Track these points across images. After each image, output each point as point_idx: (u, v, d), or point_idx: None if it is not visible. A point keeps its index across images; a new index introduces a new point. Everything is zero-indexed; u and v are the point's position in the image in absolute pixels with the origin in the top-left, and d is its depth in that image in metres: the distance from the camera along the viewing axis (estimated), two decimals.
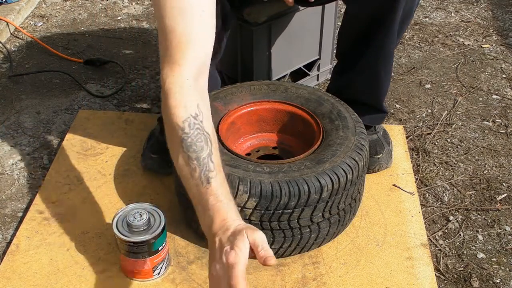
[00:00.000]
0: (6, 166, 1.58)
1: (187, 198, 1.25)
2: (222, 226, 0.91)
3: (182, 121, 0.96)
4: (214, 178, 0.94)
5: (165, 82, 0.99)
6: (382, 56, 1.37)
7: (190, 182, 0.96)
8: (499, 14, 2.39)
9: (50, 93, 1.87)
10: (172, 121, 0.97)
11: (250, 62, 1.67)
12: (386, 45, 1.35)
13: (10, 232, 1.37)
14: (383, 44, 1.34)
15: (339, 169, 1.19)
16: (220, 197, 0.93)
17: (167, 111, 0.98)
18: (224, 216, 0.92)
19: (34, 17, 2.33)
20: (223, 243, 0.90)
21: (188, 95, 0.98)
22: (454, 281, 1.27)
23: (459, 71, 2.02)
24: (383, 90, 1.47)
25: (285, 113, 1.41)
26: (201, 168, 0.94)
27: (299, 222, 1.19)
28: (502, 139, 1.70)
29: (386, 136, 1.56)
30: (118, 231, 1.16)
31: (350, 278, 1.24)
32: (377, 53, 1.37)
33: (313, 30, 1.78)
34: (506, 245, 1.36)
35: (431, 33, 2.25)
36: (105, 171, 1.51)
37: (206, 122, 0.98)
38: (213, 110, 1.36)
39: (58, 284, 1.22)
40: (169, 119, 0.98)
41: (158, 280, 1.23)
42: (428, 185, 1.52)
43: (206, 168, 0.95)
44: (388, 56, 1.39)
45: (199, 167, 0.94)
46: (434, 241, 1.37)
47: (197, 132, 0.96)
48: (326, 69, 1.91)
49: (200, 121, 0.97)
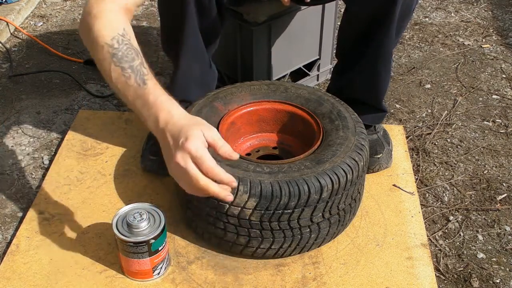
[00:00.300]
0: (6, 166, 1.58)
1: (187, 198, 1.26)
2: (169, 120, 0.95)
3: (111, 39, 1.00)
4: (150, 79, 1.00)
5: (91, 10, 1.02)
6: (382, 55, 1.38)
7: (127, 90, 0.99)
8: (499, 14, 2.39)
9: (50, 93, 1.87)
10: (99, 42, 1.01)
11: (250, 62, 1.67)
12: (385, 44, 1.35)
13: (10, 232, 1.37)
14: (382, 43, 1.35)
15: (339, 169, 1.19)
16: (159, 95, 0.98)
17: (93, 35, 1.01)
18: (168, 109, 0.96)
19: (34, 17, 2.33)
20: (176, 136, 0.93)
21: (115, 19, 1.03)
22: (454, 281, 1.27)
23: (459, 71, 2.02)
24: (382, 89, 1.47)
25: (285, 113, 1.41)
26: (135, 74, 0.99)
27: (299, 222, 1.19)
28: (502, 139, 1.70)
29: (386, 136, 1.56)
30: (118, 231, 1.16)
31: (350, 278, 1.24)
32: (377, 52, 1.37)
33: (313, 30, 1.79)
34: (506, 245, 1.36)
35: (431, 33, 2.25)
36: (105, 171, 1.51)
37: (133, 41, 1.03)
38: (213, 110, 1.37)
39: (58, 284, 1.22)
40: (96, 41, 1.01)
41: (158, 280, 1.23)
42: (428, 185, 1.52)
43: (140, 73, 0.99)
44: (387, 55, 1.39)
45: (133, 74, 0.99)
46: (434, 241, 1.37)
47: (126, 47, 1.01)
48: (326, 69, 1.91)
49: (127, 38, 1.02)
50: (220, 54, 1.77)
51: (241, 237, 1.21)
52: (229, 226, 1.20)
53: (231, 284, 1.22)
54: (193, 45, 1.35)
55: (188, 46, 1.34)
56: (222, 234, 1.23)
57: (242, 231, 1.20)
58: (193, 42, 1.34)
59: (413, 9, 1.34)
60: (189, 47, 1.35)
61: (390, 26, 1.30)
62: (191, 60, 1.38)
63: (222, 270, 1.25)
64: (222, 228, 1.22)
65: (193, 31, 1.31)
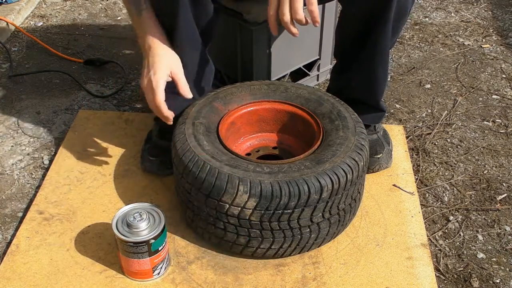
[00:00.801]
0: (6, 166, 1.58)
1: (187, 198, 1.26)
2: (150, 47, 1.26)
3: None
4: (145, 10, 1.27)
5: None
6: (378, 54, 1.38)
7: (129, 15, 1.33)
8: (499, 14, 2.39)
9: (50, 93, 1.87)
10: None
11: (250, 62, 1.67)
12: (382, 44, 1.35)
13: (10, 232, 1.37)
14: (378, 42, 1.35)
15: (339, 169, 1.19)
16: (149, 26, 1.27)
17: None
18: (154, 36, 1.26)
19: (34, 17, 2.33)
20: (150, 66, 1.24)
21: None
22: (454, 281, 1.27)
23: (459, 71, 2.02)
24: (380, 88, 1.47)
25: (285, 113, 1.41)
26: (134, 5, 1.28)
27: (299, 222, 1.19)
28: (502, 139, 1.70)
29: (386, 136, 1.56)
30: (118, 231, 1.16)
31: (350, 278, 1.24)
32: (373, 52, 1.37)
33: (313, 30, 1.78)
34: (506, 245, 1.36)
35: (431, 33, 2.25)
36: (105, 171, 1.51)
37: None
38: (213, 110, 1.37)
39: (58, 284, 1.22)
40: None
41: (158, 280, 1.23)
42: (428, 185, 1.52)
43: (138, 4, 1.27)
44: (384, 54, 1.39)
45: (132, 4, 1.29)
46: (434, 241, 1.37)
47: None
48: (326, 69, 1.91)
49: None
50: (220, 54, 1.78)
51: (241, 237, 1.21)
52: (229, 226, 1.21)
53: (231, 284, 1.22)
54: (189, 34, 1.34)
55: (183, 35, 1.33)
56: (222, 234, 1.23)
57: (242, 231, 1.20)
58: (188, 31, 1.34)
59: (410, 10, 1.34)
60: (184, 36, 1.33)
61: (386, 25, 1.30)
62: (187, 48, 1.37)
63: (222, 270, 1.25)
64: (222, 228, 1.22)
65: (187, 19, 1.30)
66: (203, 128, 1.30)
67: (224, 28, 1.68)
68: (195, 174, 1.18)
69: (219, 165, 1.18)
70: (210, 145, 1.25)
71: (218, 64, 1.82)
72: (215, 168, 1.17)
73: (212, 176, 1.16)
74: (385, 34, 1.32)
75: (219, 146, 1.26)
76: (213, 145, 1.25)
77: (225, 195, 1.16)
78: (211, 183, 1.16)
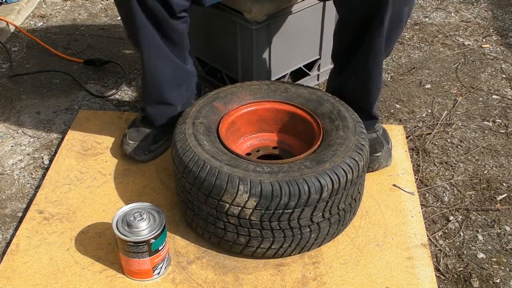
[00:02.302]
0: (6, 166, 1.58)
1: (187, 197, 1.26)
2: None
3: None
4: None
5: None
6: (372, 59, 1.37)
7: None
8: (499, 14, 2.39)
9: (50, 93, 1.87)
10: None
11: (250, 62, 1.67)
12: (376, 49, 1.34)
13: (10, 232, 1.37)
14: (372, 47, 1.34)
15: (339, 169, 1.19)
16: None
17: None
18: None
19: (34, 17, 2.33)
20: None
21: None
22: (454, 281, 1.27)
23: (459, 71, 2.02)
24: (374, 94, 1.45)
25: (285, 113, 1.41)
26: None
27: (299, 222, 1.19)
28: (502, 139, 1.70)
29: (385, 135, 1.56)
30: (118, 231, 1.16)
31: (350, 278, 1.24)
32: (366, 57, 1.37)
33: (313, 30, 1.79)
34: (506, 245, 1.36)
35: (431, 33, 2.25)
36: (105, 171, 1.51)
37: None
38: (213, 110, 1.37)
39: (58, 284, 1.22)
40: None
41: (158, 280, 1.23)
42: (428, 185, 1.52)
43: None
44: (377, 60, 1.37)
45: None
46: (434, 241, 1.37)
47: None
48: (326, 69, 1.91)
49: None
50: (220, 54, 1.78)
51: (241, 237, 1.21)
52: (229, 225, 1.20)
53: (231, 284, 1.22)
54: (154, 44, 1.37)
55: (148, 45, 1.36)
56: (222, 234, 1.23)
57: (242, 231, 1.20)
58: (152, 42, 1.36)
59: (405, 21, 1.33)
60: (150, 46, 1.37)
61: (380, 30, 1.29)
62: (156, 59, 1.40)
63: (222, 270, 1.25)
64: (222, 228, 1.22)
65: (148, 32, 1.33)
66: (203, 127, 1.30)
67: (224, 28, 1.68)
68: (195, 173, 1.18)
69: (219, 165, 1.18)
70: (210, 145, 1.25)
71: (218, 64, 1.82)
72: (215, 167, 1.17)
73: (212, 175, 1.16)
74: (379, 40, 1.31)
75: (219, 145, 1.26)
76: (213, 145, 1.25)
77: (225, 194, 1.16)
78: (211, 182, 1.16)
